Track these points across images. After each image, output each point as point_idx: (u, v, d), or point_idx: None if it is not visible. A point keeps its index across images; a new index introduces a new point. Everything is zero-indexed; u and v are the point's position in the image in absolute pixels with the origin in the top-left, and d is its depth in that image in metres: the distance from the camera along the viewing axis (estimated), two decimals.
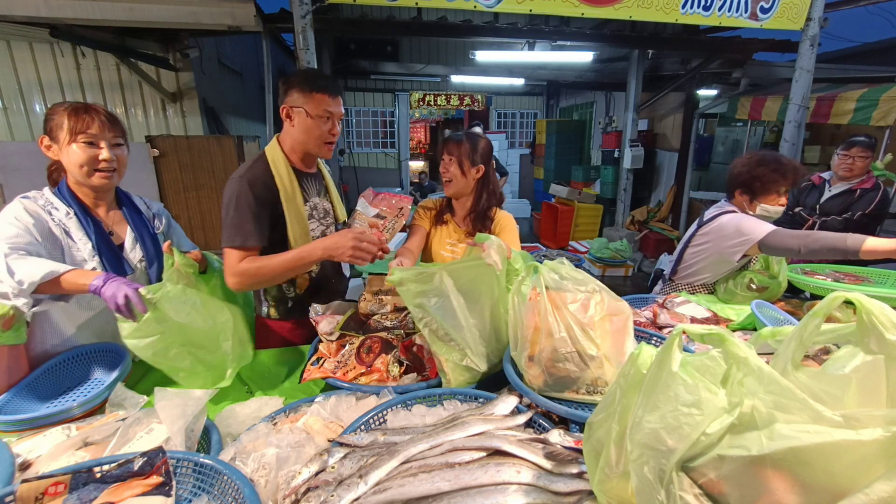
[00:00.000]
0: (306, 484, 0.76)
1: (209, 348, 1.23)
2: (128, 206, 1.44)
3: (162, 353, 1.16)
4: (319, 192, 1.60)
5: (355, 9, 4.88)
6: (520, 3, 3.32)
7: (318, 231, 1.57)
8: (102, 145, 1.27)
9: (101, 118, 1.26)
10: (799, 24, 3.78)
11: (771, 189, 1.82)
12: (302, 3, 3.13)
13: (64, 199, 1.29)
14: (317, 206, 1.57)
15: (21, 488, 0.68)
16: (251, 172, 1.41)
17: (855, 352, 0.51)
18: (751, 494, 0.47)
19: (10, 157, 3.34)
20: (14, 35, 4.20)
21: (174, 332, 1.16)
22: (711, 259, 1.93)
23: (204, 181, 3.83)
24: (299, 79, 1.42)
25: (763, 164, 1.81)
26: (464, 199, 1.77)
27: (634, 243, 6.24)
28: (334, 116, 1.44)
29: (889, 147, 3.89)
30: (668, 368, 0.54)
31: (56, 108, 1.25)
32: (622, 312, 1.05)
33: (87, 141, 1.24)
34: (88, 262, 1.29)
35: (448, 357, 1.13)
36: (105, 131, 1.27)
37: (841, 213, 2.77)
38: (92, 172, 1.27)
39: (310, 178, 1.56)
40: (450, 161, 1.70)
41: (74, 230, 1.29)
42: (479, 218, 1.75)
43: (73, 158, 1.24)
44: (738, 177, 1.88)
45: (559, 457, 0.78)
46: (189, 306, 1.19)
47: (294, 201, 1.46)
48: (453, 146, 1.69)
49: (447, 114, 11.24)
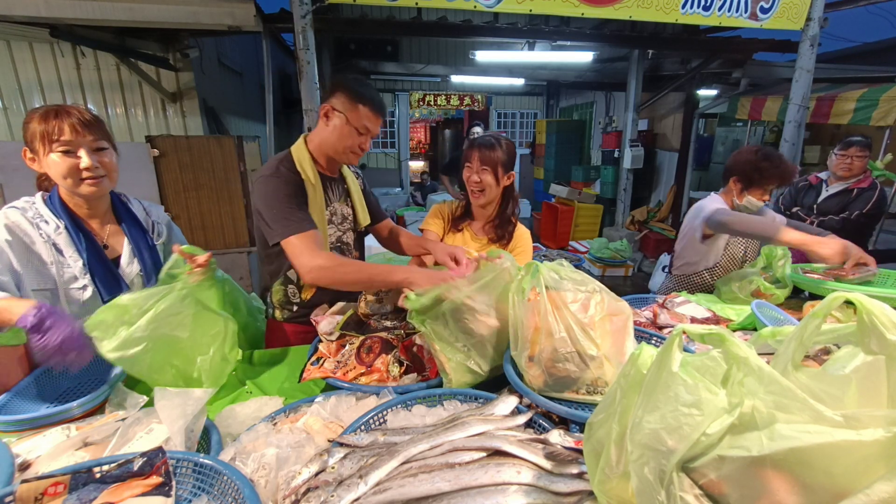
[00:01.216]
0: (306, 484, 0.76)
1: (190, 361, 1.19)
2: (125, 216, 1.35)
3: (143, 367, 1.12)
4: (341, 196, 1.57)
5: (355, 9, 4.88)
6: (520, 3, 3.32)
7: (335, 236, 1.55)
8: (81, 153, 1.15)
9: (73, 121, 1.12)
10: (799, 24, 3.78)
11: (765, 184, 1.90)
12: (302, 3, 3.13)
13: (55, 210, 1.20)
14: (336, 212, 1.55)
15: (21, 488, 0.68)
16: (280, 170, 1.39)
17: (855, 352, 0.51)
18: (751, 495, 0.47)
19: (10, 157, 3.34)
20: (14, 35, 4.19)
21: (159, 345, 1.12)
22: (685, 242, 2.09)
23: (204, 181, 3.83)
24: (350, 84, 1.39)
25: (768, 159, 1.88)
26: (489, 207, 1.70)
27: (634, 243, 6.24)
28: (370, 133, 1.43)
29: (889, 147, 3.89)
30: (668, 369, 0.54)
31: (30, 115, 1.13)
32: (622, 312, 1.05)
33: (62, 150, 1.12)
34: (79, 280, 1.22)
35: (451, 357, 1.12)
36: (81, 136, 1.14)
37: (839, 213, 2.78)
38: (78, 182, 1.16)
39: (333, 182, 1.55)
40: (483, 170, 1.58)
41: (65, 246, 1.20)
42: (503, 224, 1.68)
43: (55, 169, 1.14)
44: (743, 164, 1.93)
45: (559, 457, 0.78)
46: (178, 317, 1.15)
47: (317, 204, 1.45)
48: (487, 153, 1.57)
49: (447, 114, 11.23)
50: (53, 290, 1.21)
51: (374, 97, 1.40)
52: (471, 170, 1.61)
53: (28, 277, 1.16)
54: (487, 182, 1.60)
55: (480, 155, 1.58)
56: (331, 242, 1.54)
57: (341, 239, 1.58)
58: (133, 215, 1.38)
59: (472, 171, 1.61)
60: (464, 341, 1.12)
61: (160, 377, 1.16)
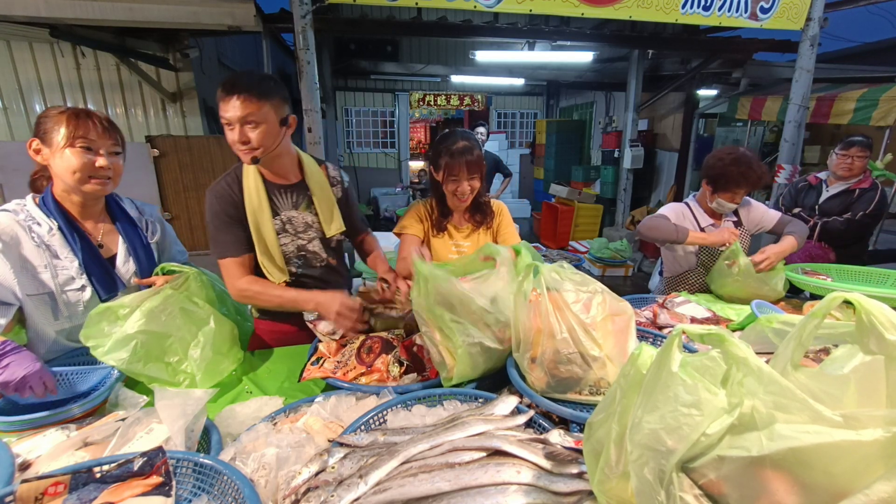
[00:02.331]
0: (306, 484, 0.76)
1: (183, 357, 1.24)
2: (120, 215, 1.36)
3: (138, 365, 1.17)
4: (298, 204, 1.50)
5: (355, 9, 4.88)
6: (520, 3, 3.32)
7: (294, 245, 1.50)
8: (101, 152, 1.21)
9: (102, 124, 1.21)
10: (799, 24, 3.78)
11: (731, 189, 1.89)
12: (302, 3, 3.13)
13: (48, 211, 1.21)
14: (292, 220, 1.49)
15: (21, 488, 0.68)
16: (219, 186, 1.42)
17: (854, 352, 0.51)
18: (751, 495, 0.47)
19: (10, 157, 3.34)
20: (14, 35, 4.20)
21: (151, 342, 1.18)
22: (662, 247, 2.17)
23: (204, 181, 3.83)
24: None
25: (736, 164, 1.85)
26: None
27: (634, 243, 6.23)
28: (236, 121, 1.28)
29: (889, 147, 3.89)
30: (667, 369, 0.54)
31: (52, 112, 1.19)
32: (624, 313, 1.05)
33: (84, 146, 1.18)
34: (76, 280, 1.23)
35: (454, 339, 1.10)
36: (104, 138, 1.21)
37: (841, 214, 2.77)
38: (86, 179, 1.20)
39: (284, 190, 1.48)
40: (472, 178, 1.56)
41: (59, 247, 1.21)
42: (477, 208, 1.69)
43: (67, 164, 1.17)
44: (710, 168, 1.94)
45: (559, 457, 0.78)
46: (167, 314, 1.21)
47: (260, 215, 1.42)
48: (472, 161, 1.53)
49: (447, 114, 11.22)
50: (50, 294, 1.20)
51: (224, 81, 1.28)
52: (458, 182, 1.56)
53: (23, 283, 1.16)
54: (475, 186, 1.59)
55: (468, 165, 1.53)
56: (290, 252, 1.51)
57: (305, 248, 1.53)
58: (127, 214, 1.38)
59: (459, 183, 1.56)
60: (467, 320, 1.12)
61: (156, 375, 1.19)
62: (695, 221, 2.02)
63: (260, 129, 1.30)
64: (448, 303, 1.10)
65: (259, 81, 1.29)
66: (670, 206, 2.09)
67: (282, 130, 1.37)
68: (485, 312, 1.12)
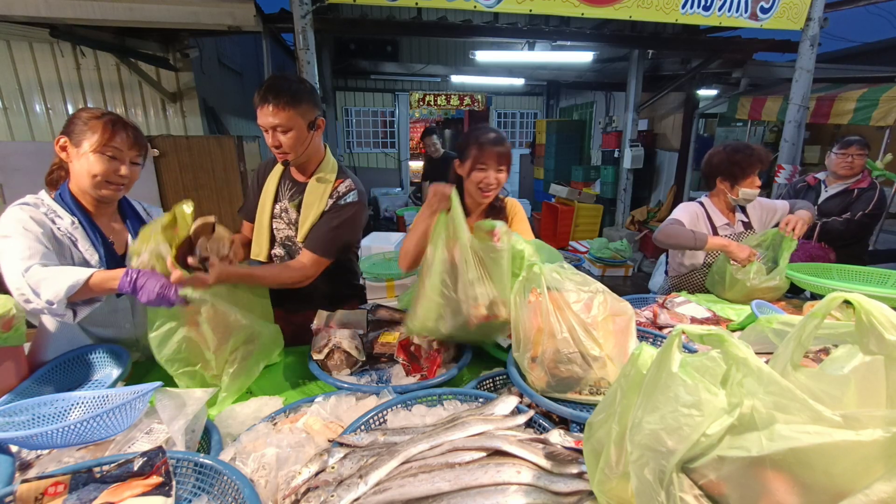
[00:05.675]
0: (306, 484, 0.76)
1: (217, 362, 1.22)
2: (129, 213, 1.41)
3: (177, 355, 1.17)
4: (293, 199, 1.59)
5: (355, 9, 4.88)
6: (520, 3, 3.32)
7: (284, 234, 1.60)
8: (126, 161, 1.26)
9: (133, 136, 1.26)
10: (799, 24, 3.78)
11: (749, 173, 1.93)
12: (302, 3, 3.13)
13: (67, 206, 1.25)
14: (287, 210, 1.59)
15: (21, 488, 0.68)
16: (269, 158, 1.61)
17: (853, 352, 0.51)
18: (751, 495, 0.47)
19: (10, 157, 3.34)
20: (14, 35, 4.19)
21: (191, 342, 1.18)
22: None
23: (204, 181, 3.83)
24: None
25: (738, 151, 1.94)
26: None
27: (634, 243, 6.23)
28: (268, 128, 1.40)
29: (889, 147, 3.89)
30: (667, 369, 0.54)
31: (86, 114, 1.22)
32: (625, 313, 1.05)
33: (112, 155, 1.22)
34: None
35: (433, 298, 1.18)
36: (132, 149, 1.27)
37: (841, 214, 2.77)
38: (103, 185, 1.23)
39: (292, 183, 1.59)
40: (500, 170, 1.53)
41: (81, 240, 1.25)
42: (492, 209, 1.67)
43: (89, 168, 1.20)
44: (719, 166, 1.98)
45: (559, 457, 0.78)
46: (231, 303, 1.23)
47: (265, 196, 1.59)
48: (502, 151, 1.51)
49: (447, 114, 11.21)
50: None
51: (262, 92, 1.37)
52: (486, 171, 1.51)
53: (59, 264, 1.18)
54: (502, 179, 1.55)
55: (498, 156, 1.50)
56: (281, 237, 1.61)
57: (292, 239, 1.60)
58: (136, 212, 1.44)
59: (487, 172, 1.51)
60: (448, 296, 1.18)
61: (183, 372, 1.19)
62: (708, 221, 2.05)
63: (289, 135, 1.41)
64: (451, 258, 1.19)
65: (288, 88, 1.38)
66: (683, 207, 2.09)
67: (310, 134, 1.46)
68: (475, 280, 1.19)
